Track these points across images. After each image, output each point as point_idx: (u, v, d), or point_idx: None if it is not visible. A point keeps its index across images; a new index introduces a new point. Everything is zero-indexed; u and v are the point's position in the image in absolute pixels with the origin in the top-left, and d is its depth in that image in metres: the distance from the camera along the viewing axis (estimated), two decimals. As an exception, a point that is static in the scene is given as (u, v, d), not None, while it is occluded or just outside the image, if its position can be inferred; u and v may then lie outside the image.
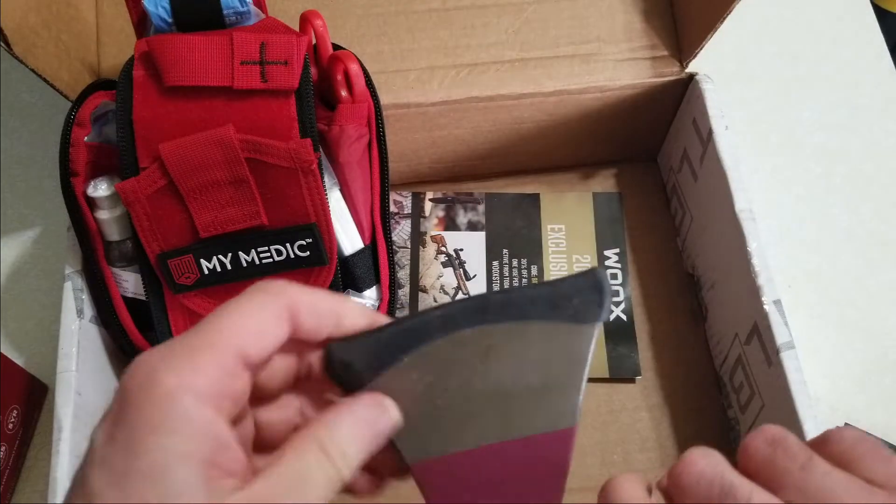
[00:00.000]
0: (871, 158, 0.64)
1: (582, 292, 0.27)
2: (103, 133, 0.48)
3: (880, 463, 0.26)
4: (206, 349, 0.23)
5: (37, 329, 0.57)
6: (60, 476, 0.44)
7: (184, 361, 0.23)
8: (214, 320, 0.24)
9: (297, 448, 0.24)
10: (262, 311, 0.25)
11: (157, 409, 0.22)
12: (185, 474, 0.22)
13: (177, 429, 0.22)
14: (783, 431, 0.27)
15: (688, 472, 0.26)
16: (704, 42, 0.52)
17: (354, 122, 0.48)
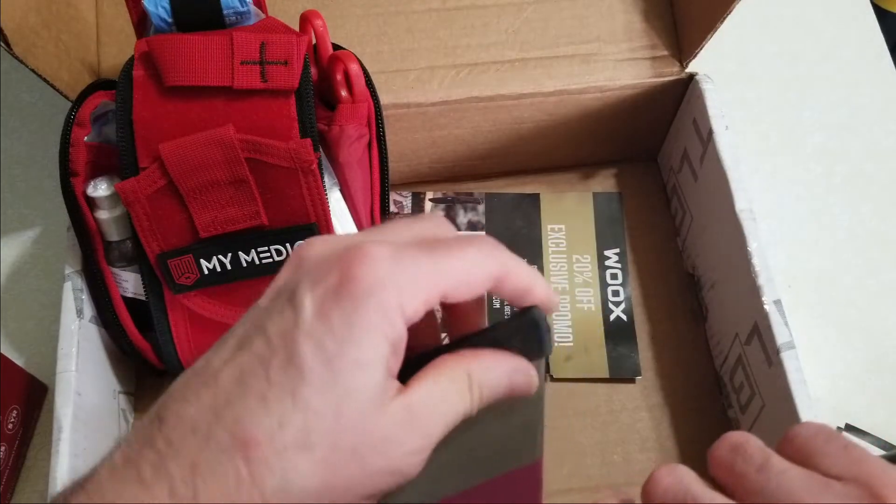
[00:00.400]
0: (871, 158, 0.64)
1: (521, 331, 0.28)
2: (103, 133, 0.48)
3: (838, 454, 0.26)
4: (426, 283, 0.25)
5: (37, 329, 0.57)
6: (60, 476, 0.44)
7: (407, 284, 0.25)
8: (441, 259, 0.26)
9: (449, 372, 0.26)
10: (478, 268, 0.26)
11: (375, 314, 0.24)
12: (380, 375, 0.24)
13: (386, 336, 0.24)
14: (744, 436, 0.27)
15: (653, 491, 0.27)
16: (704, 42, 0.52)
17: (354, 122, 0.48)
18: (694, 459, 0.53)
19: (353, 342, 0.24)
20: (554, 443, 0.53)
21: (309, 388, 0.23)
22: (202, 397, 0.24)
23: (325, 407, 0.23)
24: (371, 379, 0.24)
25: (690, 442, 0.53)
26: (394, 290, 0.24)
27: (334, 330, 0.24)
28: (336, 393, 0.23)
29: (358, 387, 0.24)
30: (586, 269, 0.59)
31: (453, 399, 0.26)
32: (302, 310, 0.24)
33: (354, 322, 0.24)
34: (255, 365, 0.24)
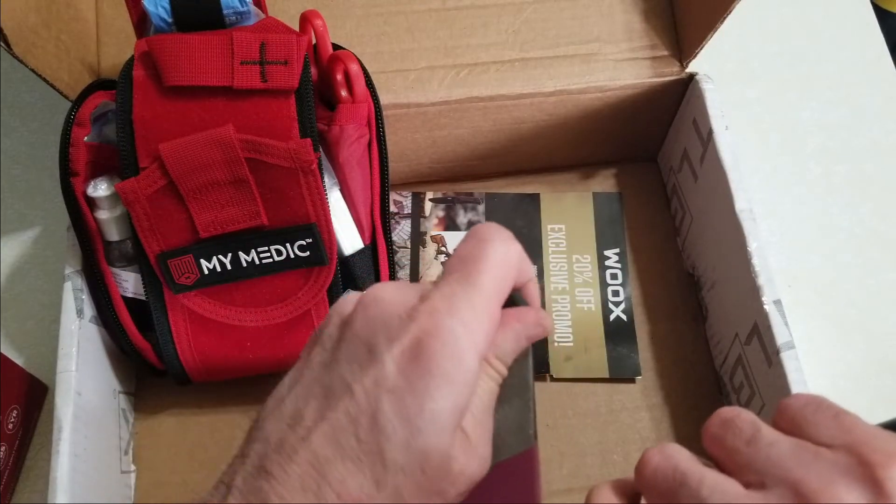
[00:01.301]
0: (871, 158, 0.64)
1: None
2: (103, 133, 0.48)
3: (829, 423, 0.26)
4: (486, 306, 0.27)
5: (37, 329, 0.57)
6: (61, 476, 0.43)
7: (472, 316, 0.26)
8: (489, 279, 0.27)
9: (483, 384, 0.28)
10: (512, 270, 0.28)
11: (451, 364, 0.25)
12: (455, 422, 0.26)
13: (463, 381, 0.26)
14: (735, 411, 0.27)
15: (644, 471, 0.27)
16: (705, 42, 0.52)
17: (354, 122, 0.48)
18: (694, 459, 0.53)
19: (432, 397, 0.25)
20: (554, 443, 0.53)
21: (394, 448, 0.25)
22: (300, 454, 0.25)
23: (410, 464, 0.25)
24: (445, 431, 0.25)
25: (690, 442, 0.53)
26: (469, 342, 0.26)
27: (414, 387, 0.25)
28: (413, 434, 0.25)
29: (436, 441, 0.25)
30: (586, 269, 0.59)
31: (486, 394, 0.28)
32: (384, 366, 0.26)
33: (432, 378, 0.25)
34: (345, 424, 0.25)
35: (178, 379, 0.51)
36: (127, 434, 0.53)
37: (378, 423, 0.25)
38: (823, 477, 0.24)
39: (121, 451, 0.51)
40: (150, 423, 0.54)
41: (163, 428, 0.54)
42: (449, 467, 0.26)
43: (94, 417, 0.48)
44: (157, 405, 0.55)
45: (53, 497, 0.43)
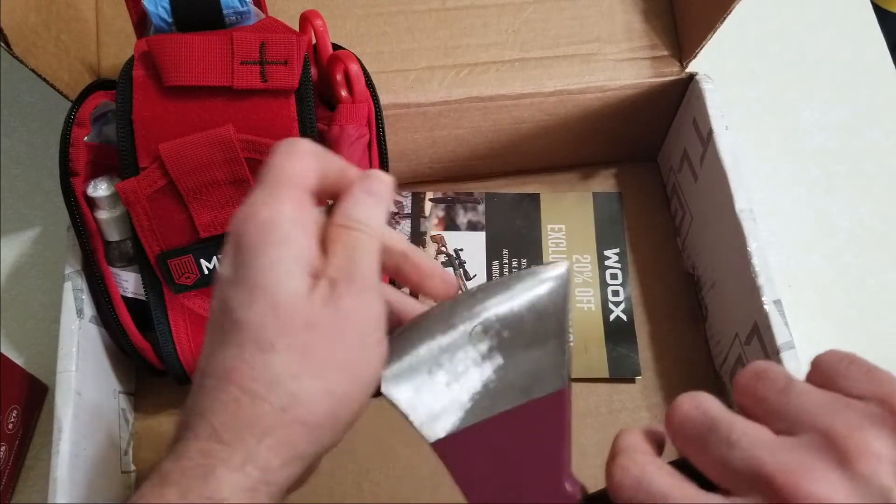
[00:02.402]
0: (871, 158, 0.64)
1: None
2: (103, 133, 0.48)
3: (861, 377, 0.26)
4: (281, 188, 0.30)
5: (37, 329, 0.57)
6: (60, 476, 0.43)
7: (270, 198, 0.29)
8: (276, 168, 0.30)
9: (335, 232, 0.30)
10: (304, 160, 0.31)
11: (267, 233, 0.29)
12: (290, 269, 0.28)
13: (281, 241, 0.29)
14: (767, 363, 0.27)
15: (674, 417, 0.27)
16: (705, 42, 0.52)
17: (354, 122, 0.48)
18: (694, 459, 0.53)
19: (257, 259, 0.28)
20: (554, 443, 0.53)
21: (234, 308, 0.28)
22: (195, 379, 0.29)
23: (260, 316, 0.28)
24: (283, 273, 0.28)
25: (690, 442, 0.53)
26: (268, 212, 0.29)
27: (244, 266, 0.28)
28: (252, 292, 0.28)
29: (267, 280, 0.28)
30: (586, 269, 0.59)
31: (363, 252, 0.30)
32: (221, 273, 0.29)
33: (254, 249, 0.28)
34: (212, 330, 0.29)
35: (178, 379, 0.51)
36: (127, 434, 0.53)
37: (226, 302, 0.28)
38: (853, 424, 0.24)
39: (121, 451, 0.51)
40: (150, 423, 0.54)
41: (163, 428, 0.54)
42: (306, 309, 0.28)
43: (94, 417, 0.48)
44: (157, 405, 0.55)
45: (53, 497, 0.43)
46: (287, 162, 0.30)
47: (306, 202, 0.30)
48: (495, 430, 0.30)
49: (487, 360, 0.30)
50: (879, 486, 0.23)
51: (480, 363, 0.30)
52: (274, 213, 0.29)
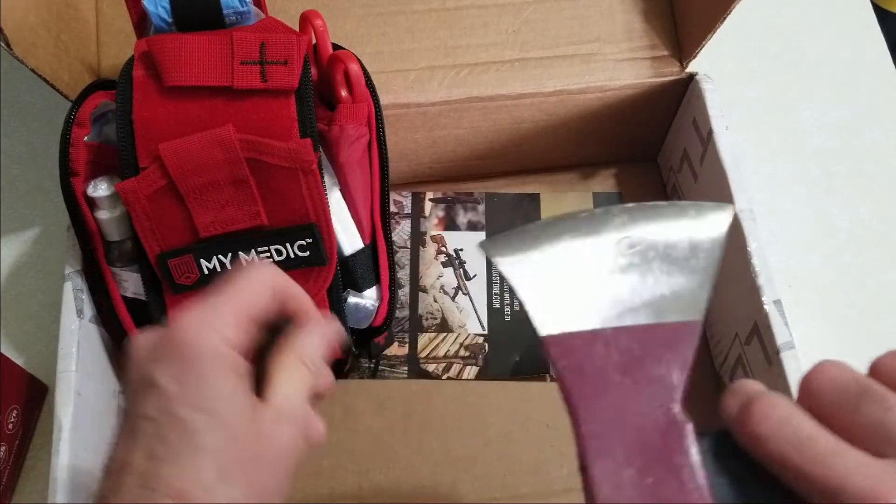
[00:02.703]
0: (871, 158, 0.64)
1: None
2: (103, 133, 0.48)
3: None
4: (230, 311, 0.32)
5: (37, 329, 0.57)
6: (60, 476, 0.43)
7: (217, 321, 0.31)
8: (229, 288, 0.33)
9: (286, 365, 0.33)
10: (259, 285, 0.34)
11: (210, 357, 0.30)
12: (237, 393, 0.31)
13: (225, 368, 0.30)
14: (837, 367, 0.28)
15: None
16: (705, 42, 0.52)
17: (354, 122, 0.48)
18: (694, 459, 0.53)
19: (211, 386, 0.30)
20: (554, 443, 0.53)
21: (199, 435, 0.29)
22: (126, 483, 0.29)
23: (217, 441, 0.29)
24: (236, 403, 0.30)
25: (690, 442, 0.53)
26: (214, 335, 0.31)
27: (194, 386, 0.30)
28: (219, 426, 0.29)
29: (229, 413, 0.30)
30: (586, 269, 0.59)
31: (299, 384, 0.33)
32: (165, 386, 0.30)
33: (204, 373, 0.30)
34: (154, 442, 0.29)
35: (178, 379, 0.51)
36: (127, 434, 0.53)
37: (182, 423, 0.29)
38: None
39: (121, 451, 0.51)
40: (150, 423, 0.54)
41: (163, 428, 0.54)
42: (252, 431, 0.30)
43: (94, 417, 0.48)
44: (157, 405, 0.55)
45: (53, 497, 0.43)
46: (243, 285, 0.33)
47: (246, 326, 0.32)
48: (615, 341, 0.29)
49: (626, 274, 0.30)
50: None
51: (618, 274, 0.30)
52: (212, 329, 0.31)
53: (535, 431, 0.54)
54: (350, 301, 0.51)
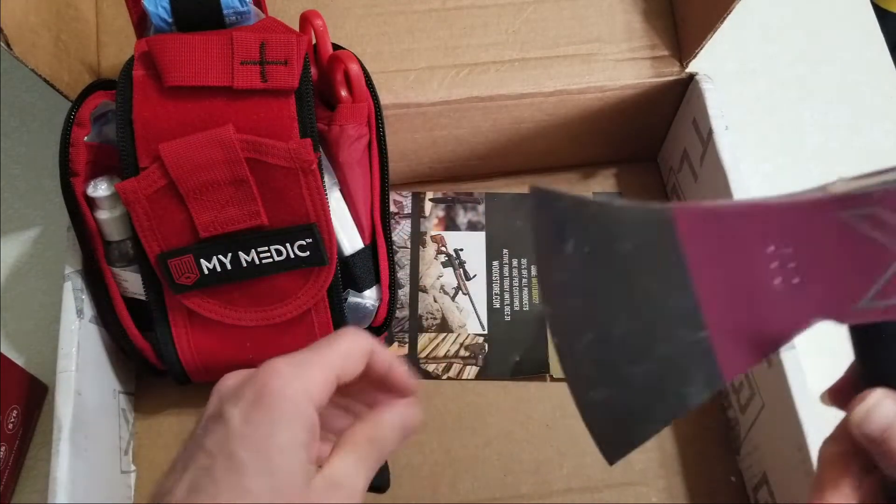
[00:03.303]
0: (871, 158, 0.64)
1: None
2: (103, 133, 0.48)
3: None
4: (320, 372, 0.31)
5: (37, 329, 0.57)
6: (60, 476, 0.43)
7: (307, 379, 0.30)
8: (326, 348, 0.32)
9: (357, 439, 0.32)
10: (356, 351, 0.33)
11: (288, 405, 0.29)
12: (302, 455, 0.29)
13: (297, 421, 0.30)
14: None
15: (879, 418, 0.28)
16: (704, 42, 0.52)
17: (354, 122, 0.48)
18: (694, 459, 0.53)
19: (276, 433, 0.29)
20: (554, 443, 0.53)
21: (247, 478, 0.28)
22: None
23: (262, 489, 0.28)
24: (294, 458, 0.29)
25: (690, 442, 0.53)
26: (299, 386, 0.30)
27: (259, 428, 0.29)
28: (269, 475, 0.28)
29: (284, 466, 0.29)
30: (586, 269, 0.59)
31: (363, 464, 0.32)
32: (230, 421, 0.29)
33: (274, 418, 0.29)
34: (201, 475, 0.28)
35: (177, 379, 0.51)
36: (127, 434, 0.53)
37: (233, 462, 0.28)
38: None
39: (121, 451, 0.51)
40: (150, 423, 0.54)
41: (163, 428, 0.54)
42: (305, 494, 0.29)
43: (94, 417, 0.48)
44: (157, 405, 0.55)
45: (53, 497, 0.43)
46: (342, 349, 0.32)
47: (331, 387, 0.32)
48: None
49: None
50: None
51: None
52: (304, 391, 0.30)
53: (535, 431, 0.54)
54: (350, 301, 0.51)
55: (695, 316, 0.28)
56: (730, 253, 0.28)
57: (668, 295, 0.28)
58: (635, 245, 0.28)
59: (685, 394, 0.28)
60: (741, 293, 0.28)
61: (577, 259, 0.28)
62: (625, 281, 0.28)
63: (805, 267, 0.28)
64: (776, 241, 0.28)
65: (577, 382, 0.28)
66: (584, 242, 0.28)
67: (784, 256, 0.28)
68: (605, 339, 0.28)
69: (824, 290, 0.28)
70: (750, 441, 0.50)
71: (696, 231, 0.28)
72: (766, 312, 0.28)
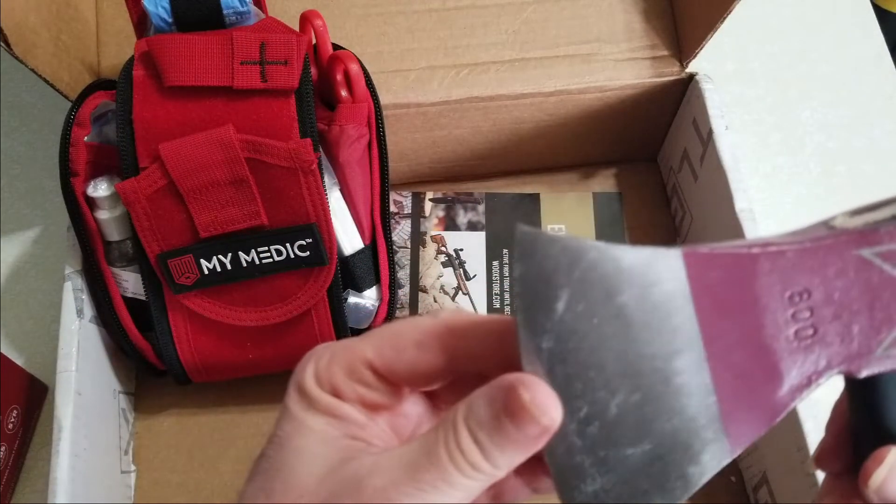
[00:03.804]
0: (871, 158, 0.64)
1: None
2: (103, 133, 0.48)
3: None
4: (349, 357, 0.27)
5: (37, 329, 0.57)
6: (60, 476, 0.43)
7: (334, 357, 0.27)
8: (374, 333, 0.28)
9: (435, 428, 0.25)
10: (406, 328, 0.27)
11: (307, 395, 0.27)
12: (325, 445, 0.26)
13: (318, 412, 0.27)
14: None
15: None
16: (705, 42, 0.52)
17: (354, 121, 0.48)
18: (694, 459, 0.53)
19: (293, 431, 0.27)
20: (554, 443, 0.53)
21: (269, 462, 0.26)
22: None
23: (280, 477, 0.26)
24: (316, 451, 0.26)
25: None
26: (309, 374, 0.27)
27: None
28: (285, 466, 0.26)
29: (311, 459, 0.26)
30: (586, 269, 0.59)
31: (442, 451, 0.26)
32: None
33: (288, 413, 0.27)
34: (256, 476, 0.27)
35: (177, 379, 0.51)
36: (127, 434, 0.53)
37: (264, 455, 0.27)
38: None
39: (121, 450, 0.51)
40: (150, 423, 0.54)
41: (163, 428, 0.54)
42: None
43: (94, 417, 0.48)
44: (157, 405, 0.55)
45: (53, 497, 0.43)
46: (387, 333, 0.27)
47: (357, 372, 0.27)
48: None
49: None
50: None
51: None
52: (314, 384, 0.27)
53: (535, 431, 0.54)
54: (350, 301, 0.51)
55: (703, 379, 0.25)
56: (742, 302, 0.25)
57: (673, 355, 0.25)
58: (636, 299, 0.24)
59: (688, 475, 0.25)
60: (753, 348, 0.25)
61: (570, 320, 0.24)
62: (624, 342, 0.24)
63: (821, 313, 0.25)
64: (791, 287, 0.25)
65: (565, 475, 0.24)
66: (579, 297, 0.24)
67: (799, 303, 0.25)
68: (601, 416, 0.24)
69: (842, 339, 0.25)
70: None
71: (705, 276, 0.25)
72: (779, 369, 0.25)
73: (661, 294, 0.25)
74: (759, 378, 0.25)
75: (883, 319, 0.25)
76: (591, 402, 0.24)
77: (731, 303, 0.25)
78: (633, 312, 0.24)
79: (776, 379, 0.25)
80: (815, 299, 0.25)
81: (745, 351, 0.25)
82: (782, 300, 0.25)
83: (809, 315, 0.25)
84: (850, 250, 0.25)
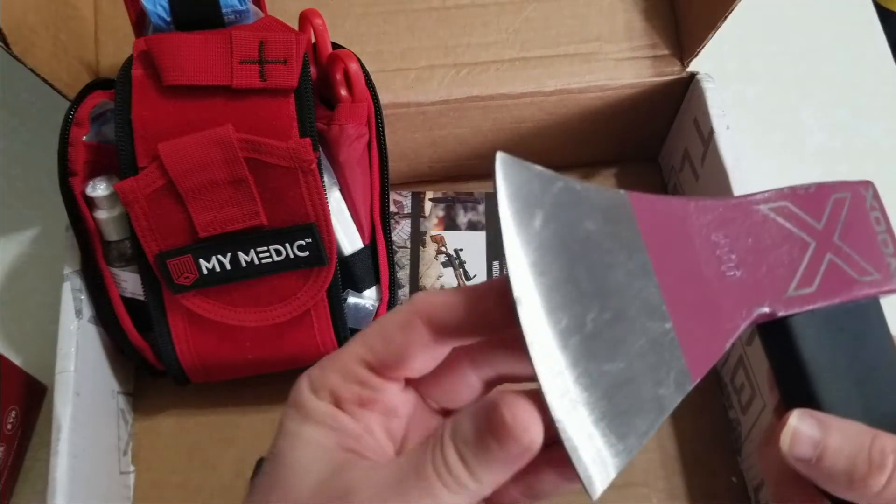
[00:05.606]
0: (871, 158, 0.64)
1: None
2: (102, 132, 0.48)
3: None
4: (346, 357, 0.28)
5: (36, 329, 0.57)
6: (60, 476, 0.43)
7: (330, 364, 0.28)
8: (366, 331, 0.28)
9: (424, 443, 0.26)
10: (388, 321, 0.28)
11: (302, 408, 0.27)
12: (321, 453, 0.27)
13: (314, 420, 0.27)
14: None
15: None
16: (706, 41, 0.52)
17: (354, 121, 0.48)
18: (694, 460, 0.53)
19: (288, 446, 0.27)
20: (554, 443, 0.53)
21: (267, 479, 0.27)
22: None
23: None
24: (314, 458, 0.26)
25: (691, 442, 0.53)
26: (305, 382, 0.27)
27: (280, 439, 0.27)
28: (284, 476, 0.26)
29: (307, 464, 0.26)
30: (587, 269, 0.59)
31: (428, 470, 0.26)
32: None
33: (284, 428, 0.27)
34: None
35: (177, 379, 0.51)
36: (126, 434, 0.53)
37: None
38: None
39: (119, 451, 0.51)
40: (149, 423, 0.54)
41: (162, 428, 0.54)
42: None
43: (93, 418, 0.48)
44: (156, 405, 0.55)
45: (53, 497, 0.43)
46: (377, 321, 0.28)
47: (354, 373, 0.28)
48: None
49: None
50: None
51: None
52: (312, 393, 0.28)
53: (535, 432, 0.53)
54: (349, 301, 0.50)
55: (659, 305, 0.27)
56: (681, 241, 0.29)
57: (633, 280, 0.27)
58: (599, 226, 0.28)
59: (660, 397, 0.27)
60: (694, 282, 0.28)
61: (547, 236, 0.27)
62: (593, 264, 0.27)
63: (741, 256, 0.29)
64: (717, 233, 0.29)
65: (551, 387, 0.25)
66: (551, 218, 0.27)
67: (725, 247, 0.29)
68: (579, 331, 0.26)
69: (759, 279, 0.29)
70: (751, 442, 0.50)
71: (649, 217, 0.29)
72: (717, 301, 0.28)
73: (618, 227, 0.28)
74: (702, 309, 0.28)
75: (788, 264, 0.30)
76: (571, 315, 0.26)
77: (670, 241, 0.29)
78: (598, 237, 0.28)
79: (715, 309, 0.28)
80: (734, 245, 0.29)
81: (688, 284, 0.28)
82: (710, 242, 0.29)
83: (734, 256, 0.29)
84: (753, 206, 0.30)
